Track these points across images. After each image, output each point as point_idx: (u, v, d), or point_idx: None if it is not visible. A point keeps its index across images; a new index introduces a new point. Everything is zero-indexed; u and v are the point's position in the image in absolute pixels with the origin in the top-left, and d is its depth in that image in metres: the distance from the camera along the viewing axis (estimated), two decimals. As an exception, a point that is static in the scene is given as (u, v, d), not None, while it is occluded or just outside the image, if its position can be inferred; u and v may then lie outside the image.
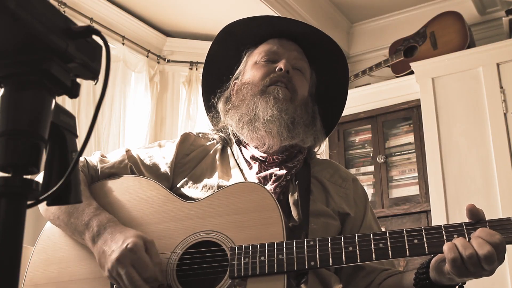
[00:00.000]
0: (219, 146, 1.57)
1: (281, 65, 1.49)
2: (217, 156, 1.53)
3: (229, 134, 1.55)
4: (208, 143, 1.58)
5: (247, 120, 1.46)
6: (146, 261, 1.23)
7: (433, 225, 3.11)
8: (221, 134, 1.57)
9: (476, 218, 1.18)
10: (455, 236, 1.16)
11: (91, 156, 1.54)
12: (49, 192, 0.65)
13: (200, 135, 1.61)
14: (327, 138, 1.70)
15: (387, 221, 3.46)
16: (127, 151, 1.54)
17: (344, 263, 1.21)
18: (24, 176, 0.60)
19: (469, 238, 1.14)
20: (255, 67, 1.53)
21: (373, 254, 1.19)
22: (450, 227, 1.18)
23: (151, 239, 1.29)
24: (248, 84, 1.51)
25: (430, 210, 3.28)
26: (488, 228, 1.14)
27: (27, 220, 0.60)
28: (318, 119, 1.55)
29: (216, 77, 1.62)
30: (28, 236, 1.77)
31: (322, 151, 1.63)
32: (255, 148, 1.50)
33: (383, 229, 1.56)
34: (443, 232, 1.18)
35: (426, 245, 1.17)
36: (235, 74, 1.60)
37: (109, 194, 1.44)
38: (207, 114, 1.64)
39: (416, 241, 1.18)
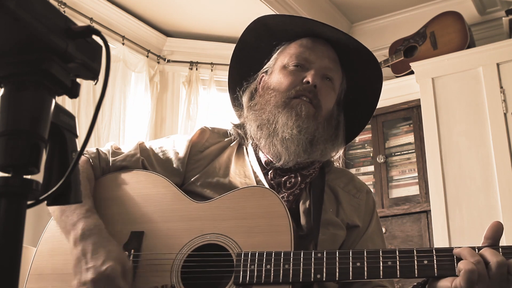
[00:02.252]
0: (235, 144, 1.53)
1: (309, 77, 1.43)
2: (233, 155, 1.50)
3: (247, 134, 1.52)
4: (224, 140, 1.55)
5: (266, 133, 1.43)
6: None
7: (433, 225, 3.13)
8: (239, 131, 1.53)
9: (494, 236, 1.15)
10: None
11: (104, 148, 1.52)
12: (49, 192, 0.65)
13: (216, 130, 1.57)
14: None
15: (387, 221, 3.46)
16: (140, 144, 1.52)
17: (351, 278, 1.19)
18: (24, 176, 0.60)
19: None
20: (283, 72, 1.48)
21: (381, 272, 1.17)
22: None
23: (129, 265, 1.26)
24: (273, 91, 1.46)
25: (430, 210, 3.28)
26: (501, 254, 1.11)
27: (27, 220, 0.60)
28: (341, 129, 1.51)
29: (245, 66, 1.58)
30: (28, 236, 1.77)
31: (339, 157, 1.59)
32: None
33: (383, 230, 1.55)
34: (454, 256, 1.15)
35: (435, 267, 1.14)
36: (264, 68, 1.55)
37: (118, 187, 1.43)
38: (232, 105, 1.59)
39: (426, 262, 1.15)
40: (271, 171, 1.46)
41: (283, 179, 1.44)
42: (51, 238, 1.41)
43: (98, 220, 1.33)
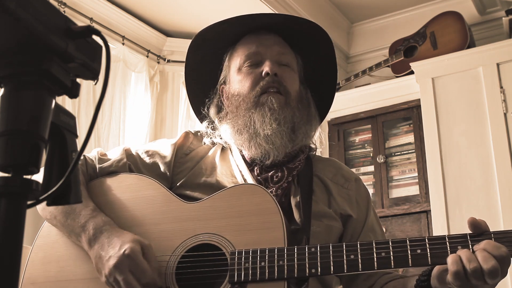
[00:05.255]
0: (219, 144, 1.54)
1: (266, 68, 1.44)
2: (217, 155, 1.51)
3: (226, 141, 1.52)
4: (208, 142, 1.55)
5: (247, 137, 1.43)
6: (144, 267, 1.22)
7: (433, 225, 3.13)
8: (218, 140, 1.53)
9: (479, 230, 1.15)
10: (459, 247, 1.14)
11: (90, 154, 1.52)
12: (49, 192, 0.65)
13: (200, 133, 1.58)
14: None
15: (387, 221, 3.46)
16: (126, 149, 1.52)
17: (345, 271, 1.19)
18: (24, 176, 0.60)
19: (473, 250, 1.12)
20: (240, 75, 1.48)
21: (375, 263, 1.17)
22: (454, 238, 1.16)
23: (148, 243, 1.27)
24: (239, 96, 1.46)
25: (430, 210, 3.28)
26: (494, 241, 1.12)
27: (27, 220, 0.60)
28: (312, 107, 1.52)
29: (200, 87, 1.59)
30: (28, 236, 1.76)
31: (318, 138, 1.58)
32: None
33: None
34: (447, 243, 1.15)
35: (429, 255, 1.15)
36: (220, 79, 1.55)
37: (108, 192, 1.42)
38: (201, 123, 1.59)
39: (419, 251, 1.16)
40: (256, 167, 1.46)
41: (269, 174, 1.44)
42: (43, 246, 1.41)
43: (106, 217, 1.34)
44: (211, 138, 1.54)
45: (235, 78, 1.49)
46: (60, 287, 1.34)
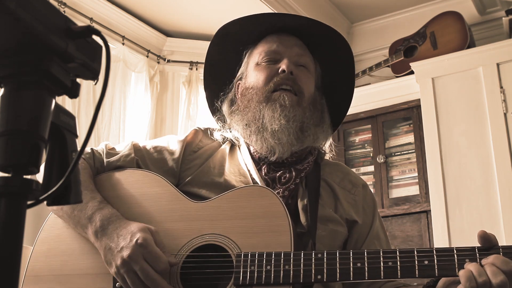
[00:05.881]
0: (228, 142, 1.53)
1: (283, 66, 1.44)
2: (226, 154, 1.50)
3: (235, 136, 1.52)
4: (217, 140, 1.55)
5: (255, 129, 1.43)
6: (158, 254, 1.22)
7: (433, 225, 3.13)
8: (228, 135, 1.53)
9: (488, 243, 1.15)
10: (467, 260, 1.13)
11: (98, 147, 1.52)
12: (49, 192, 0.65)
13: (209, 131, 1.58)
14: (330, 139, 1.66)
15: (387, 221, 3.45)
16: (135, 144, 1.52)
17: (351, 279, 1.19)
18: (24, 176, 0.60)
19: (481, 264, 1.11)
20: (257, 69, 1.49)
21: (382, 272, 1.17)
22: (462, 251, 1.15)
23: (155, 228, 1.27)
24: (252, 89, 1.47)
25: (430, 210, 3.28)
26: (502, 255, 1.11)
27: (27, 220, 0.60)
28: (326, 113, 1.52)
29: (218, 80, 1.59)
30: (28, 236, 1.76)
31: (329, 147, 1.58)
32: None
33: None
34: (455, 255, 1.15)
35: (436, 267, 1.15)
36: (238, 75, 1.56)
37: (114, 187, 1.41)
38: (213, 116, 1.60)
39: (426, 262, 1.15)
40: (264, 166, 1.45)
41: (277, 174, 1.44)
42: (47, 239, 1.40)
43: (113, 209, 1.33)
44: (221, 133, 1.54)
45: (252, 72, 1.50)
46: (64, 280, 1.34)
